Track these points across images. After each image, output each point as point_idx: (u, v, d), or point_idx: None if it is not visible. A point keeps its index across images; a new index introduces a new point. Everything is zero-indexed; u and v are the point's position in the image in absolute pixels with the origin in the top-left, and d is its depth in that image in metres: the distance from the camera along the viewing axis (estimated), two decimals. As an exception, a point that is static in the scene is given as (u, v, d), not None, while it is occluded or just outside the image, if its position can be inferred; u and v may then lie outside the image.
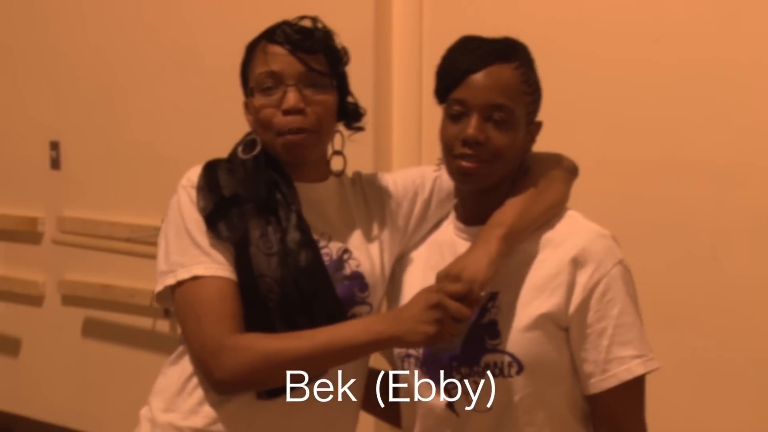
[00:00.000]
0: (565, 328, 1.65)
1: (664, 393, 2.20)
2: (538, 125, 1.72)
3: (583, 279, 1.63)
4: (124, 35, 3.65)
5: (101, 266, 3.74)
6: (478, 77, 1.64)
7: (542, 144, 1.88)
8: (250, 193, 1.70)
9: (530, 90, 1.67)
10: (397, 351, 1.76)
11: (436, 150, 2.95)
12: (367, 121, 3.00)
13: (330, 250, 1.75)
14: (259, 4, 2.97)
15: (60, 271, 3.93)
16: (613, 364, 1.62)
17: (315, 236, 1.72)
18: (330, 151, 1.84)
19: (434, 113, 2.93)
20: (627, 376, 1.62)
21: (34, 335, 4.09)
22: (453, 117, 1.67)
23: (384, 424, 3.01)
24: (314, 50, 1.73)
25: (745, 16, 2.49)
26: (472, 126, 1.63)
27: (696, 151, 2.56)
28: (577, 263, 1.63)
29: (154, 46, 3.56)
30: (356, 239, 1.79)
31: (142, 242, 3.46)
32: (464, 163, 1.65)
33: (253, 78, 1.73)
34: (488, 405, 1.66)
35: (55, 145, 3.91)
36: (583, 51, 2.70)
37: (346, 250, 1.76)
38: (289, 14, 1.80)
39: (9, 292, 4.09)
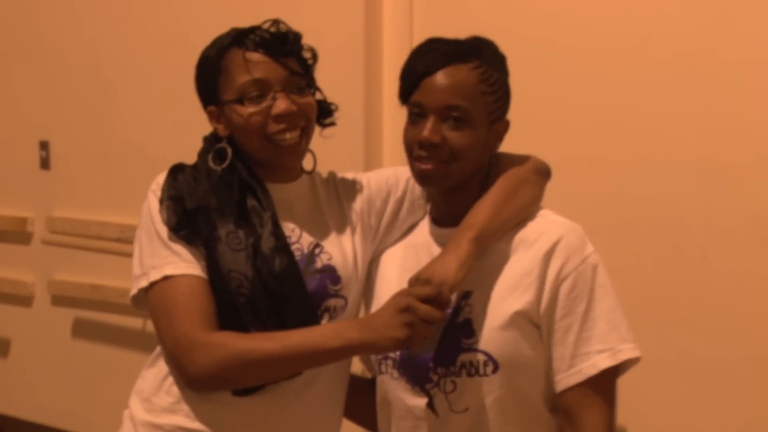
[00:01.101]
0: (538, 325, 1.65)
1: (654, 391, 2.20)
2: (506, 124, 1.71)
3: (551, 275, 1.63)
4: (115, 34, 3.64)
5: (91, 266, 3.73)
6: (434, 79, 1.65)
7: (532, 143, 1.88)
8: (218, 201, 1.71)
9: (491, 89, 1.66)
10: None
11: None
12: (358, 120, 3.00)
13: (301, 245, 1.76)
14: (252, 4, 2.97)
15: (49, 272, 3.91)
16: (578, 360, 1.62)
17: (286, 233, 1.74)
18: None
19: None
20: (592, 371, 1.61)
21: (24, 336, 4.07)
22: (412, 119, 1.69)
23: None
24: (291, 54, 1.75)
25: (736, 14, 2.49)
26: (427, 128, 1.64)
27: (686, 151, 2.56)
28: (547, 260, 1.64)
29: (145, 46, 3.55)
30: (328, 235, 1.80)
31: (132, 242, 3.44)
32: (422, 165, 1.67)
33: (235, 88, 1.73)
34: (466, 404, 1.65)
35: (44, 145, 3.90)
36: (573, 49, 2.70)
37: (317, 245, 1.77)
38: (282, 13, 1.80)
39: (-2, 293, 4.08)
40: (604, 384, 1.64)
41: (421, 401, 1.68)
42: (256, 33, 1.74)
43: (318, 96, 1.82)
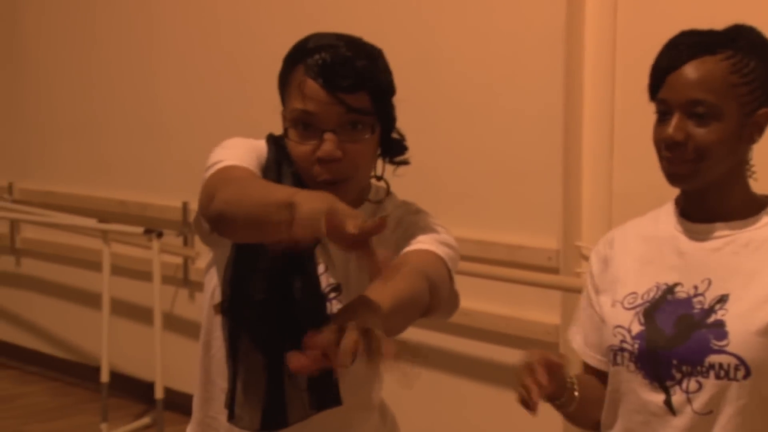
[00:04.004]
0: None
1: None
2: (766, 114, 1.65)
3: None
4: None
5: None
6: (677, 75, 1.63)
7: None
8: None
9: (745, 80, 1.61)
10: (610, 343, 1.73)
11: (628, 148, 2.89)
12: (557, 121, 2.92)
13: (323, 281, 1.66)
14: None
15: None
16: None
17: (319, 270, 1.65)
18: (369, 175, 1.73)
19: (627, 111, 2.85)
20: None
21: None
22: (659, 117, 1.66)
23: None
24: (355, 89, 1.58)
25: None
26: (671, 126, 1.62)
27: None
28: None
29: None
30: (349, 276, 1.69)
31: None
32: (669, 166, 1.65)
33: (288, 109, 1.63)
34: (711, 407, 1.62)
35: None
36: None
37: (335, 288, 1.67)
38: (480, 12, 1.73)
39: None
40: None
41: (658, 397, 1.67)
42: (318, 55, 1.58)
43: (393, 135, 1.68)
